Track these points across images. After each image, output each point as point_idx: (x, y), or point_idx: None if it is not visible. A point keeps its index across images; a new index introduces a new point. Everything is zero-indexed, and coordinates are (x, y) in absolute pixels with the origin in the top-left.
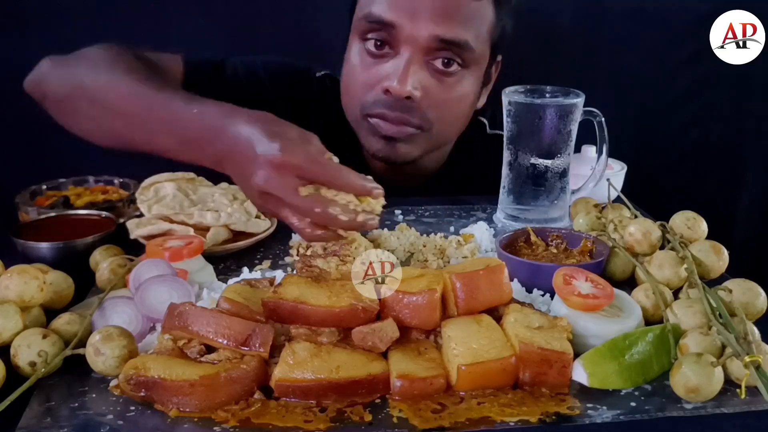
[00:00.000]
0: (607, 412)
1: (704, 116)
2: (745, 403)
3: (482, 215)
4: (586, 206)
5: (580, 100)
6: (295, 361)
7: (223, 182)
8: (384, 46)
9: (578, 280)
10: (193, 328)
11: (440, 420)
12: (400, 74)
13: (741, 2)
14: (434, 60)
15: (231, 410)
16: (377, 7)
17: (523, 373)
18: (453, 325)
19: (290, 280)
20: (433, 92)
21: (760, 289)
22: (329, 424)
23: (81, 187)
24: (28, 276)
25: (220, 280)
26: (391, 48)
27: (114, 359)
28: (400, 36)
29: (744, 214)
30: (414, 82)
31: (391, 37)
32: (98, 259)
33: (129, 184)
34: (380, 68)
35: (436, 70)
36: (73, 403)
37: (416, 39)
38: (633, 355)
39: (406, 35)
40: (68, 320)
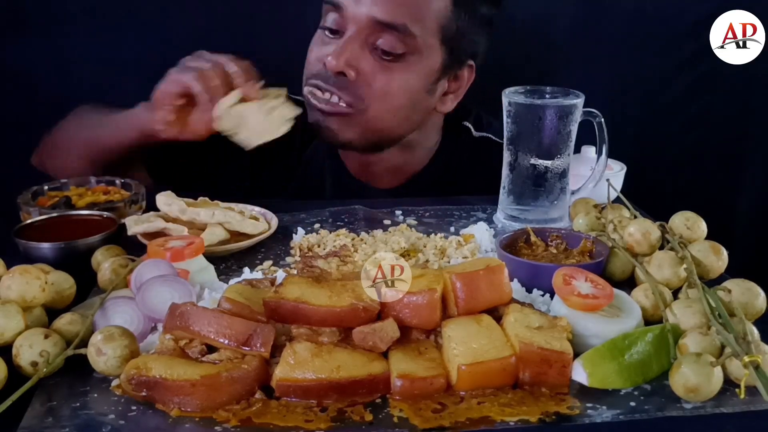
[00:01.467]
0: (607, 412)
1: (704, 116)
2: (745, 403)
3: (482, 215)
4: (586, 206)
5: (579, 100)
6: (296, 361)
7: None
8: (335, 27)
9: (578, 280)
10: (195, 328)
11: (440, 420)
12: (337, 50)
13: (741, 2)
14: (376, 42)
15: (232, 410)
16: None
17: (523, 373)
18: (453, 325)
19: (291, 280)
20: (371, 75)
21: (760, 289)
22: (330, 423)
23: (83, 188)
24: (29, 276)
25: (221, 280)
26: (341, 30)
27: (115, 359)
28: (346, 16)
29: (743, 214)
30: (350, 60)
31: (341, 18)
32: (100, 260)
33: (130, 184)
34: (329, 46)
35: (379, 54)
36: (74, 403)
37: (358, 19)
38: (632, 355)
39: (350, 15)
40: (70, 320)
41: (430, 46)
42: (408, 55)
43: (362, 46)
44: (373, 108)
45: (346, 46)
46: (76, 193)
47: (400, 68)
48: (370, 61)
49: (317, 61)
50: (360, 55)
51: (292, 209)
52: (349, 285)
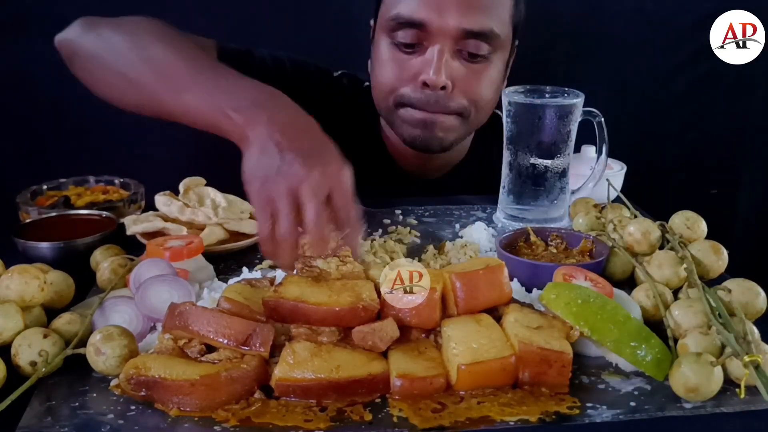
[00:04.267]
0: (607, 412)
1: (704, 116)
2: (745, 402)
3: (482, 215)
4: (586, 206)
5: (579, 100)
6: (296, 361)
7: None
8: (414, 42)
9: (578, 279)
10: (194, 328)
11: (440, 419)
12: (435, 66)
13: (741, 2)
14: (463, 49)
15: (231, 410)
16: (405, 8)
17: (523, 373)
18: (453, 325)
19: (291, 280)
20: (464, 80)
21: (760, 288)
22: (329, 423)
23: (81, 187)
24: (28, 276)
25: (220, 279)
26: (421, 42)
27: (114, 359)
28: (430, 31)
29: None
30: (446, 72)
31: (422, 33)
32: (99, 259)
33: (129, 184)
34: (413, 62)
35: (466, 59)
36: (73, 403)
37: (445, 32)
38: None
39: (435, 30)
40: (69, 320)
41: (507, 38)
42: (491, 54)
43: (453, 55)
44: (473, 110)
45: (442, 59)
46: (74, 193)
47: (486, 66)
48: (461, 69)
49: (403, 81)
50: (453, 65)
51: None
52: (349, 284)
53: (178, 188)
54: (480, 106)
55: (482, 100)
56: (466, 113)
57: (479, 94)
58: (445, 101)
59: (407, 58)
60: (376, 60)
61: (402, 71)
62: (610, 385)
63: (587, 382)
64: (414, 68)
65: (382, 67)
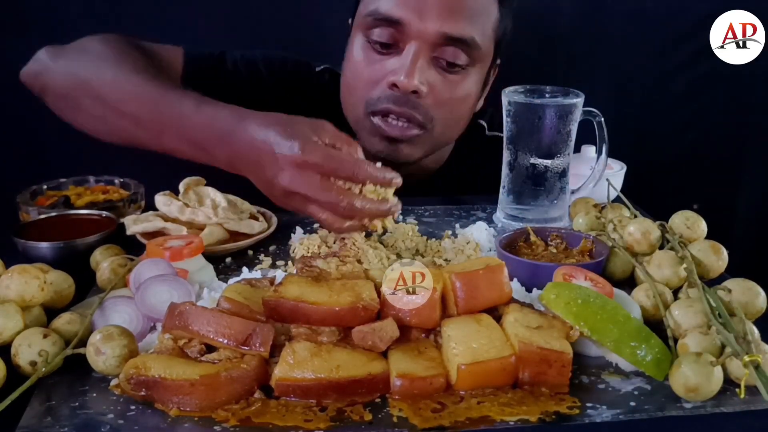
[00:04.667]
0: (607, 412)
1: (704, 116)
2: (745, 402)
3: (482, 215)
4: (586, 206)
5: (579, 100)
6: (296, 361)
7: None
8: (390, 42)
9: (578, 279)
10: (194, 328)
11: (440, 419)
12: (408, 68)
13: (741, 2)
14: (440, 57)
15: (231, 409)
16: (384, 4)
17: (523, 373)
18: (453, 325)
19: (291, 279)
20: (438, 89)
21: (760, 288)
22: (329, 423)
23: (81, 187)
24: (28, 275)
25: (220, 279)
26: (397, 44)
27: (114, 359)
28: (407, 32)
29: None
30: (420, 76)
31: (398, 33)
32: (99, 259)
33: (130, 184)
34: (386, 63)
35: (443, 68)
36: (73, 403)
37: (423, 35)
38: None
39: (413, 32)
40: (69, 320)
41: (488, 52)
42: (469, 66)
43: (429, 61)
44: (440, 123)
45: (416, 62)
46: (74, 193)
47: (462, 78)
48: (437, 77)
49: (374, 83)
50: (428, 72)
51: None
52: (349, 284)
53: (178, 188)
54: (450, 122)
55: (454, 115)
56: (431, 126)
57: (451, 108)
58: (415, 109)
59: (381, 59)
60: (349, 60)
61: (373, 72)
62: (610, 385)
63: (587, 382)
64: (386, 69)
65: (355, 67)
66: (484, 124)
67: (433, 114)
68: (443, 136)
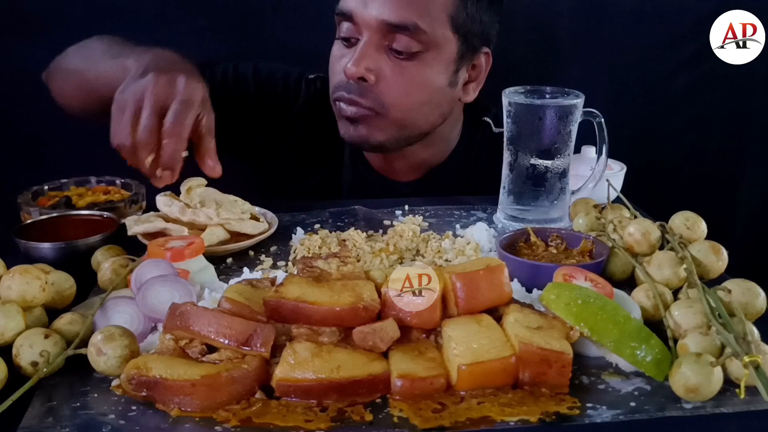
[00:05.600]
0: (607, 412)
1: (704, 116)
2: (745, 403)
3: (482, 215)
4: (586, 207)
5: (579, 100)
6: (296, 361)
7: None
8: (349, 36)
9: (578, 279)
10: (195, 328)
11: (440, 419)
12: (355, 57)
13: (741, 2)
14: (391, 44)
15: (232, 410)
16: (342, 2)
17: (523, 373)
18: (453, 325)
19: (291, 280)
20: (389, 75)
21: (760, 289)
22: (330, 423)
23: (83, 188)
24: (30, 276)
25: (221, 280)
26: (356, 37)
27: (116, 359)
28: (359, 24)
29: (744, 214)
30: (368, 63)
31: (355, 27)
32: (100, 260)
33: (131, 184)
34: (346, 56)
35: (394, 55)
36: (74, 403)
37: (369, 25)
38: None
39: (361, 22)
40: (70, 320)
41: (444, 38)
42: (423, 53)
43: (378, 49)
44: (395, 108)
45: (364, 52)
46: (76, 193)
47: (417, 66)
48: (387, 64)
49: (338, 73)
50: (377, 59)
51: (293, 209)
52: (350, 285)
53: (180, 189)
54: (409, 107)
55: (412, 100)
56: (382, 110)
57: (408, 93)
58: (363, 96)
59: (346, 53)
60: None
61: (338, 64)
62: (610, 385)
63: (587, 382)
64: (345, 60)
65: (330, 62)
66: (489, 121)
67: (386, 99)
68: (408, 120)
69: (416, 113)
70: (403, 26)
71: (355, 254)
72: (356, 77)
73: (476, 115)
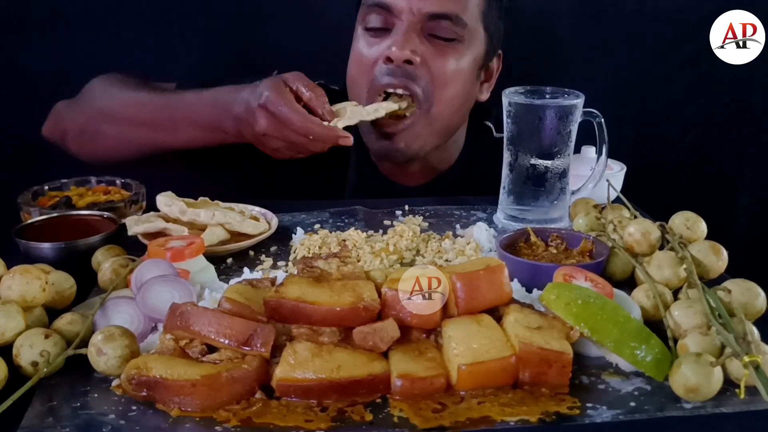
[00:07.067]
0: (607, 412)
1: (704, 116)
2: (745, 403)
3: (482, 215)
4: (586, 207)
5: (579, 100)
6: (297, 361)
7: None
8: (383, 26)
9: (578, 279)
10: (195, 328)
11: (441, 419)
12: (400, 41)
13: (741, 2)
14: (431, 31)
15: (232, 410)
16: None
17: (523, 373)
18: (453, 325)
19: (292, 280)
20: (430, 60)
21: (760, 289)
22: (330, 423)
23: (83, 188)
24: (30, 276)
25: (221, 280)
26: (389, 27)
27: (116, 359)
28: (396, 14)
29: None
30: (412, 46)
31: (389, 17)
32: (100, 260)
33: (131, 184)
34: (382, 44)
35: (434, 40)
36: (74, 403)
37: (410, 15)
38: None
39: (399, 12)
40: (70, 320)
41: (477, 33)
42: (458, 42)
43: (419, 35)
44: (436, 99)
45: (407, 36)
46: (76, 193)
47: (454, 53)
48: (430, 48)
49: (373, 64)
50: (418, 44)
51: (293, 209)
52: (350, 285)
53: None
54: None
55: (449, 92)
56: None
57: (446, 82)
58: (412, 79)
59: (377, 42)
60: (353, 53)
61: (372, 54)
62: (610, 385)
63: (587, 382)
64: (382, 48)
65: (357, 57)
66: (491, 125)
67: (431, 85)
68: (443, 118)
69: (450, 107)
70: (445, 16)
71: (355, 254)
72: (402, 60)
73: (478, 118)
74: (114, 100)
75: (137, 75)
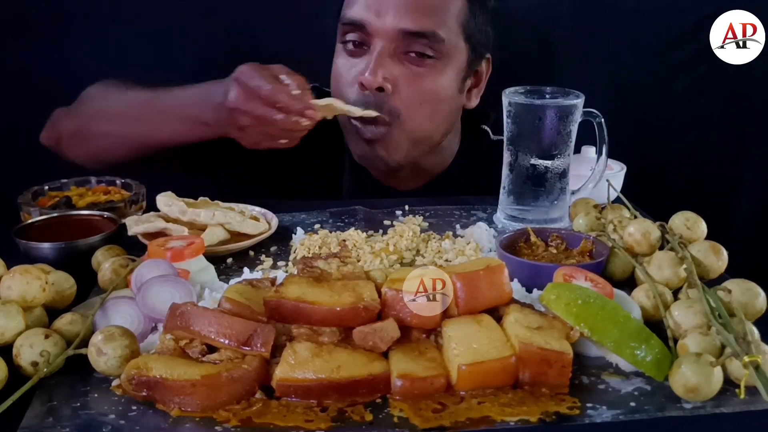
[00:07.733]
0: (607, 412)
1: (704, 116)
2: (745, 403)
3: (482, 215)
4: (586, 207)
5: (579, 100)
6: (297, 361)
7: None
8: (360, 45)
9: (578, 279)
10: (195, 328)
11: (441, 419)
12: (371, 67)
13: (741, 2)
14: (406, 53)
15: (232, 410)
16: (350, 10)
17: (523, 373)
18: (453, 325)
19: (292, 280)
20: (404, 83)
21: (760, 289)
22: (330, 423)
23: (83, 188)
24: (30, 276)
25: (221, 280)
26: (365, 45)
27: (116, 359)
28: (371, 32)
29: (743, 214)
30: (385, 73)
31: (365, 35)
32: (100, 260)
33: (131, 184)
34: (357, 65)
35: (410, 62)
36: (75, 403)
37: (384, 34)
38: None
39: (375, 31)
40: (70, 320)
41: (457, 46)
42: (437, 60)
43: (392, 57)
44: (410, 117)
45: (379, 61)
46: (76, 193)
47: (431, 73)
48: (402, 71)
49: (348, 86)
50: (392, 67)
51: (293, 209)
52: (350, 285)
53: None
54: (423, 115)
55: (426, 109)
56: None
57: (423, 102)
58: (383, 105)
59: (354, 62)
60: (333, 69)
61: (348, 74)
62: (610, 385)
63: (587, 382)
64: (356, 71)
65: (336, 73)
66: (487, 129)
67: (401, 109)
68: (421, 131)
69: (428, 122)
70: (421, 34)
71: (355, 254)
72: (374, 87)
73: (475, 122)
74: (107, 101)
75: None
